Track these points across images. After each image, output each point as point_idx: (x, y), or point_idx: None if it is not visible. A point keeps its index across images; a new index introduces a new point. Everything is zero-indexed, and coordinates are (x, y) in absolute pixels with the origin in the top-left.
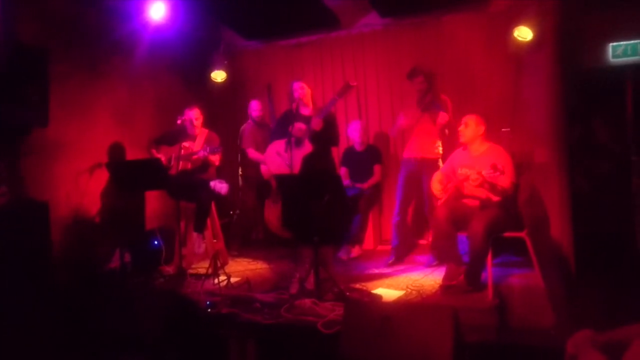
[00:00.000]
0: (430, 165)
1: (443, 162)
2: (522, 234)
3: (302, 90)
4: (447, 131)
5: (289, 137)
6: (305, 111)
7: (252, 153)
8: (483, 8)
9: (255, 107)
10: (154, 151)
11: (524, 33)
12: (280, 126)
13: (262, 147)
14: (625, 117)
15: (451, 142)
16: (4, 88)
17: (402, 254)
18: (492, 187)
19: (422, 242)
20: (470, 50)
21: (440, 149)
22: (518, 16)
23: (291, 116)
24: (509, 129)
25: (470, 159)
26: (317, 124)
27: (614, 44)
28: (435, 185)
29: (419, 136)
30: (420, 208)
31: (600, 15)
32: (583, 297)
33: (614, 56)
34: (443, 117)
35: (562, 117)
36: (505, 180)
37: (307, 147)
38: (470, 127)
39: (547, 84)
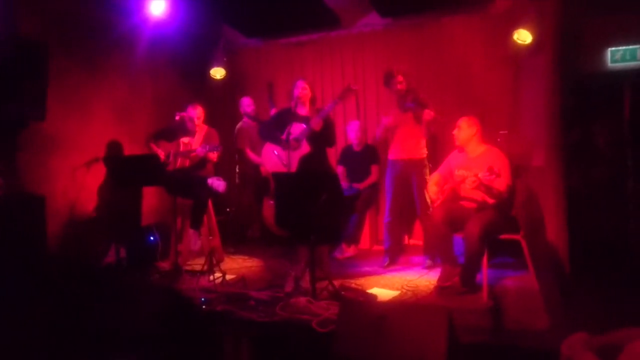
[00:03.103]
0: (417, 166)
1: (429, 162)
2: (518, 236)
3: (304, 91)
4: (432, 128)
5: (287, 136)
6: (302, 111)
7: (250, 154)
8: (483, 10)
9: (248, 103)
10: (153, 146)
11: (523, 36)
12: (274, 123)
13: (258, 146)
14: (622, 121)
15: (438, 140)
16: (2, 82)
17: (396, 256)
18: (488, 190)
19: (414, 242)
20: (469, 52)
21: (425, 148)
22: (517, 19)
23: (288, 115)
24: (506, 132)
25: (467, 161)
26: (317, 124)
27: (613, 48)
28: (432, 187)
29: (404, 137)
30: (411, 209)
31: (600, 20)
32: (578, 299)
33: (612, 61)
34: (428, 114)
35: (559, 120)
36: (501, 183)
37: (305, 147)
38: (463, 130)
39: (545, 88)
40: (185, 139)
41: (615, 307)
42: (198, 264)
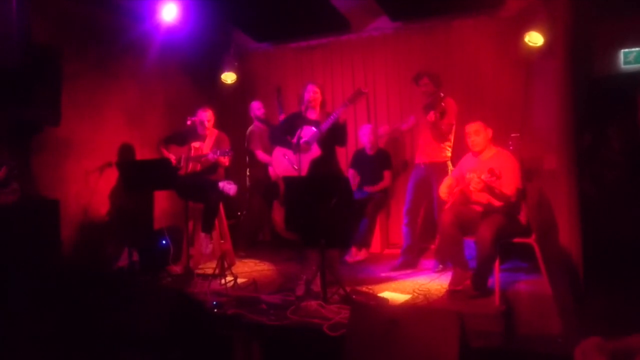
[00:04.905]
0: (438, 169)
1: (453, 165)
2: (531, 240)
3: (315, 95)
4: (443, 127)
5: (298, 139)
6: (312, 115)
7: (261, 155)
8: (493, 13)
9: (257, 106)
10: (164, 150)
11: (534, 38)
12: (285, 127)
13: (269, 149)
14: (636, 123)
15: (457, 144)
16: (18, 87)
17: (411, 258)
18: (491, 191)
19: (432, 246)
20: (480, 55)
21: (449, 152)
22: (528, 22)
23: (298, 118)
24: (518, 134)
25: (477, 164)
26: (325, 127)
27: (626, 50)
28: (443, 189)
29: (426, 140)
30: (430, 212)
31: (612, 22)
32: (591, 303)
33: (625, 63)
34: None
35: (572, 123)
36: (506, 186)
37: (315, 151)
38: (482, 135)
39: (557, 90)
40: (196, 144)
41: (629, 312)
42: (209, 267)
